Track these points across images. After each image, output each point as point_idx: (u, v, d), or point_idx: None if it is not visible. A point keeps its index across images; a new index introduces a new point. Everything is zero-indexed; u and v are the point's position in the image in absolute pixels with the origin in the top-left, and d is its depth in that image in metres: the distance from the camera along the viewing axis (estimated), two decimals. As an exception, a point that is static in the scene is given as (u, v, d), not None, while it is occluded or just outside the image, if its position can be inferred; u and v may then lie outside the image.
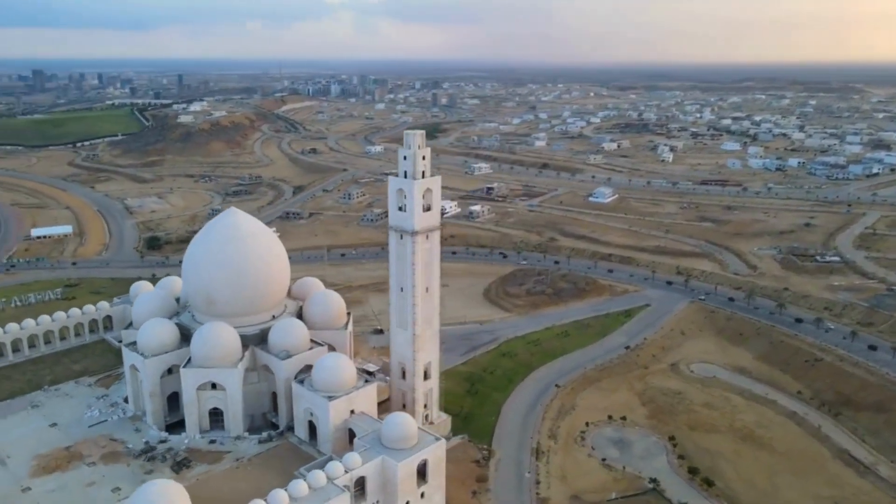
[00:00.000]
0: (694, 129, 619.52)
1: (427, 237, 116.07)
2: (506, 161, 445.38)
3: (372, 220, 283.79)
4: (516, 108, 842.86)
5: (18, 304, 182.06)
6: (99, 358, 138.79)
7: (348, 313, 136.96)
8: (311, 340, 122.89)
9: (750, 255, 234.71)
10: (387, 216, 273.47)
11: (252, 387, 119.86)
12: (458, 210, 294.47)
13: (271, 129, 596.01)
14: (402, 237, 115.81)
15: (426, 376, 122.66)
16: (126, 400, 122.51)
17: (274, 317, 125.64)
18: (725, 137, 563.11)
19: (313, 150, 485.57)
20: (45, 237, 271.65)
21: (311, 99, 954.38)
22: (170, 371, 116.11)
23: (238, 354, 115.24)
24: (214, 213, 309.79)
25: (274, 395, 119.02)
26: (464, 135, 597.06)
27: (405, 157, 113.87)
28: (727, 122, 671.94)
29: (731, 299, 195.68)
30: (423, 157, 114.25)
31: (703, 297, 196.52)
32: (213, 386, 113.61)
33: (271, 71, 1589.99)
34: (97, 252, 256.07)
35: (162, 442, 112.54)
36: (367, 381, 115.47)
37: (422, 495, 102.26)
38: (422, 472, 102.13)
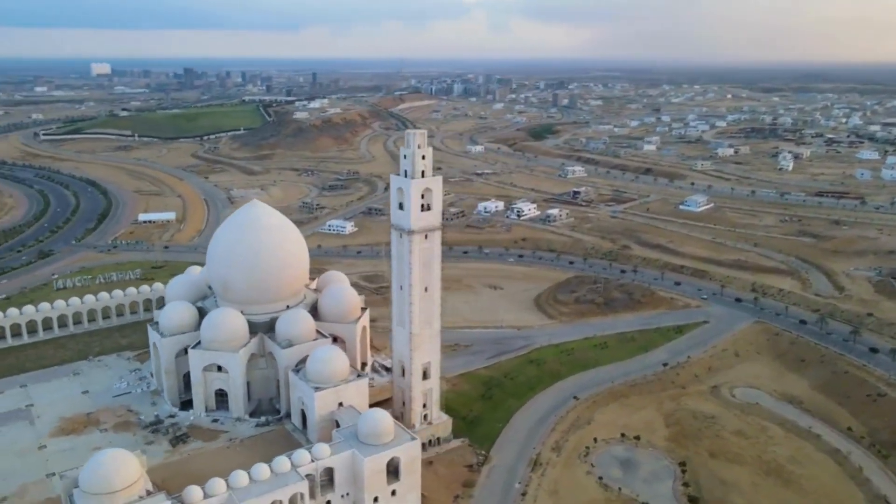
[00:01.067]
0: (831, 136, 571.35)
1: (426, 237, 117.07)
2: (607, 165, 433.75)
3: (448, 218, 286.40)
4: (639, 111, 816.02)
5: (102, 281, 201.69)
6: (144, 335, 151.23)
7: (364, 308, 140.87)
8: (318, 332, 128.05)
9: (841, 276, 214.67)
10: (460, 216, 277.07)
11: (260, 372, 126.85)
12: (537, 213, 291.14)
13: (382, 127, 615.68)
14: (401, 236, 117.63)
15: (425, 376, 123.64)
16: (152, 375, 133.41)
17: (288, 307, 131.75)
18: (866, 145, 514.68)
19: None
20: (150, 222, 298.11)
21: (431, 98, 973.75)
22: (186, 351, 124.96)
23: (243, 340, 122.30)
24: (304, 205, 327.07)
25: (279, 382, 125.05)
26: (574, 137, 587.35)
27: (405, 156, 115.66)
28: (875, 128, 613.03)
29: (803, 322, 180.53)
30: (423, 157, 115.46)
31: (760, 318, 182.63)
32: (219, 368, 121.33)
33: (401, 70, 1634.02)
34: (190, 238, 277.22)
35: (170, 417, 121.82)
36: (359, 375, 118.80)
37: (393, 493, 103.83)
38: (394, 470, 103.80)
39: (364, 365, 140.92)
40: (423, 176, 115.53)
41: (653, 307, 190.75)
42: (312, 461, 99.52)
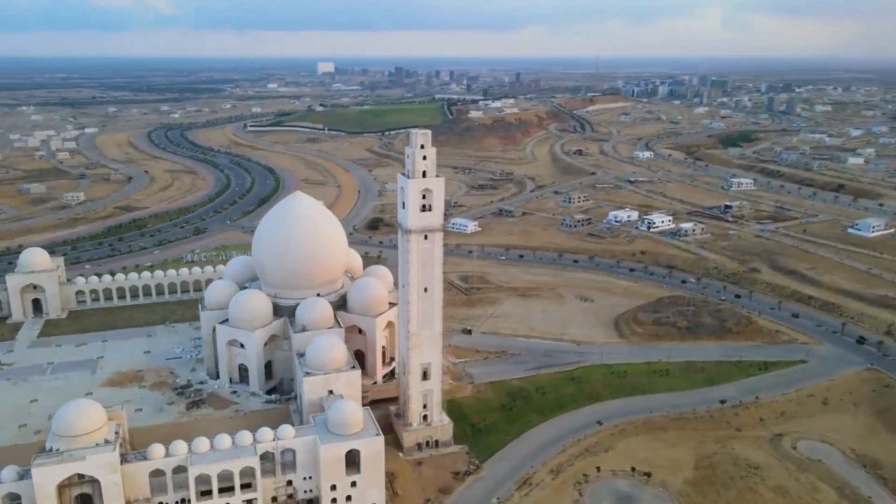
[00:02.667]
0: None
1: (426, 237, 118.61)
2: (792, 178, 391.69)
3: (571, 225, 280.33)
4: (872, 118, 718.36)
5: (224, 258, 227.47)
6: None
7: (394, 304, 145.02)
8: (337, 322, 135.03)
9: None
10: (586, 223, 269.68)
11: (283, 353, 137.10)
12: (670, 226, 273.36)
13: (557, 129, 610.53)
14: (402, 235, 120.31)
15: (425, 377, 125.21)
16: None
17: (318, 294, 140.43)
18: None
19: (579, 152, 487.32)
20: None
21: (627, 100, 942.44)
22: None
23: (264, 321, 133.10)
24: (447, 203, 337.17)
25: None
26: (772, 146, 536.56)
27: (407, 156, 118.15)
28: None
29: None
30: (424, 157, 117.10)
31: (875, 365, 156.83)
32: (242, 345, 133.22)
33: (597, 69, 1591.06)
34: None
35: (200, 383, 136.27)
36: (352, 367, 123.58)
37: (353, 484, 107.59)
38: (355, 462, 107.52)
39: (392, 360, 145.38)
40: (423, 176, 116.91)
41: (745, 338, 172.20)
42: (274, 440, 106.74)
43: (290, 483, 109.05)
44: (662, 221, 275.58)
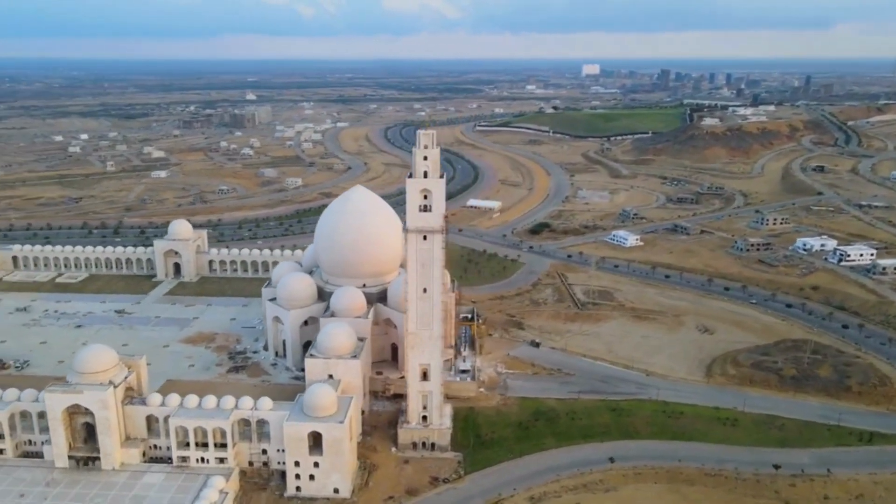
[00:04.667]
0: None
1: (425, 238, 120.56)
2: None
3: (743, 249, 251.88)
4: None
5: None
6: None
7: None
8: (369, 313, 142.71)
9: None
10: (763, 248, 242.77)
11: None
12: (869, 260, 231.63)
13: (813, 141, 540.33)
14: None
15: (424, 377, 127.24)
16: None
17: (364, 285, 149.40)
18: None
19: (820, 168, 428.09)
20: (474, 207, 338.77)
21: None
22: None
23: (302, 302, 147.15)
24: (623, 213, 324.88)
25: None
26: None
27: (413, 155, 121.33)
28: None
29: None
30: (425, 158, 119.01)
31: None
32: (282, 322, 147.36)
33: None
34: (493, 226, 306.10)
35: (254, 353, 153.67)
36: (353, 356, 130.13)
37: (315, 465, 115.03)
38: (318, 444, 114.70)
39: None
40: (425, 176, 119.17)
41: (867, 401, 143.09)
42: (252, 410, 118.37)
43: (264, 452, 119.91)
44: (861, 255, 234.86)
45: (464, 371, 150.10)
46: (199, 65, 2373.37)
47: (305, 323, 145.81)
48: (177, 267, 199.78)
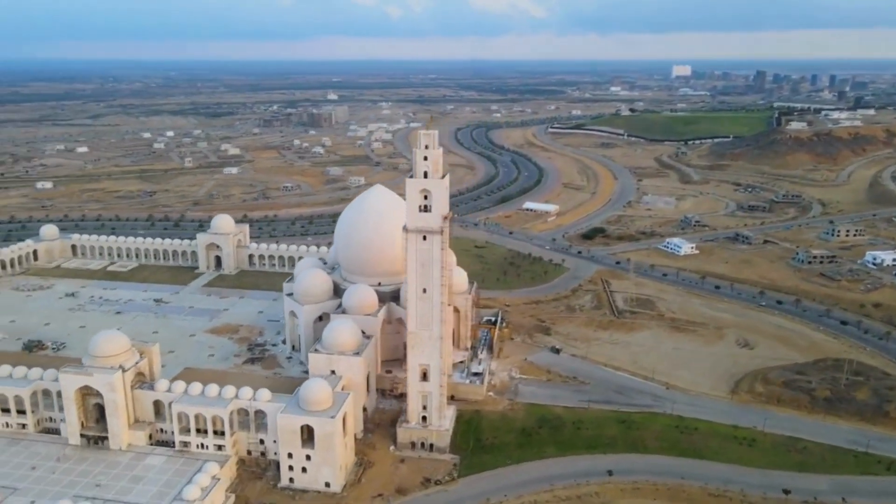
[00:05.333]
0: None
1: (424, 238, 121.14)
2: None
3: (804, 261, 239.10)
4: None
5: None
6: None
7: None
8: (379, 310, 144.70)
9: None
10: (829, 260, 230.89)
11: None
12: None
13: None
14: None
15: (424, 378, 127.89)
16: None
17: (380, 283, 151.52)
18: None
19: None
20: (531, 210, 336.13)
21: None
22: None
23: (317, 298, 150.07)
24: (685, 220, 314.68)
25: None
26: None
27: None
28: None
29: None
30: (425, 158, 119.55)
31: None
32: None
33: None
34: (544, 230, 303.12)
35: (272, 345, 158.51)
36: (356, 353, 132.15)
37: (307, 457, 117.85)
38: (311, 437, 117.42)
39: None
40: (425, 177, 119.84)
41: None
42: (250, 400, 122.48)
43: (262, 442, 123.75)
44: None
45: (476, 374, 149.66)
46: (289, 65, 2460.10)
47: (320, 318, 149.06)
48: (218, 260, 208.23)
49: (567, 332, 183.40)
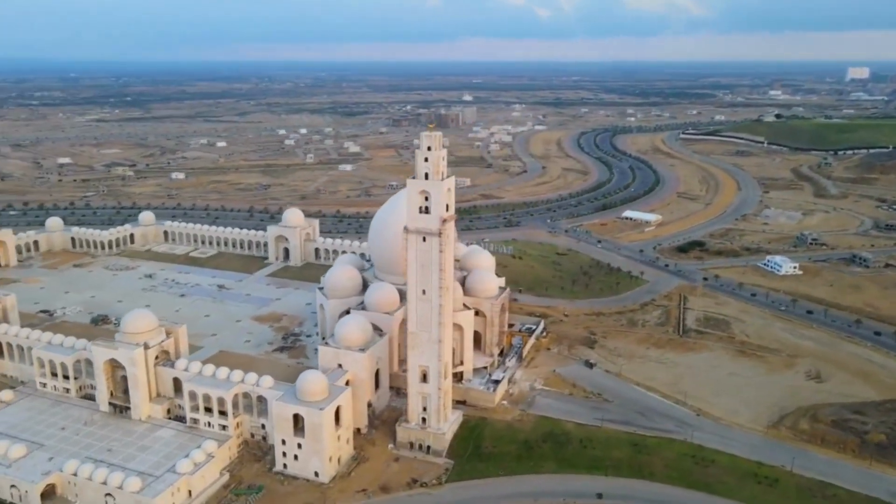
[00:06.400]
0: None
1: (424, 239, 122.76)
2: None
3: (866, 266, 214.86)
4: None
5: (493, 250, 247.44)
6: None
7: (470, 308, 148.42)
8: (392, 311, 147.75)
9: None
10: None
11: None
12: None
13: None
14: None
15: (424, 379, 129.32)
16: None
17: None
18: None
19: None
20: (629, 219, 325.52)
21: None
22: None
23: (344, 293, 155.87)
24: (800, 238, 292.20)
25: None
26: None
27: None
28: None
29: None
30: (426, 159, 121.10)
31: None
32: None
33: None
34: (636, 241, 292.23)
35: (307, 336, 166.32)
36: (361, 350, 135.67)
37: (299, 446, 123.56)
38: (301, 425, 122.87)
39: (461, 362, 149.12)
40: (426, 178, 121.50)
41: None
42: (253, 385, 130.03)
43: (263, 427, 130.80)
44: None
45: (495, 381, 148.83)
46: (434, 66, 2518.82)
47: (347, 312, 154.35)
48: (286, 252, 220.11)
49: (614, 346, 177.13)
